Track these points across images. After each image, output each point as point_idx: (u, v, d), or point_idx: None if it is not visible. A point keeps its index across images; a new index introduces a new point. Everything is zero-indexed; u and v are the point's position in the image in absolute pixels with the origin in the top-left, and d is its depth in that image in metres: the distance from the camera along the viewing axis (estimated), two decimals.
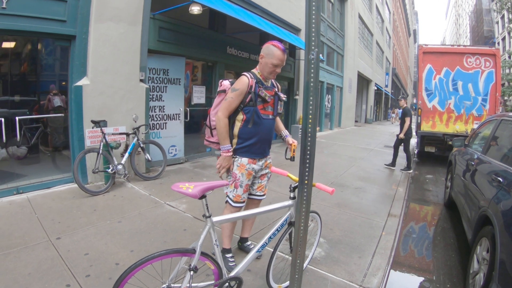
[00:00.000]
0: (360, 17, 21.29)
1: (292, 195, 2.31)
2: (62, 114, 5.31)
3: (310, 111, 1.78)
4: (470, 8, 62.24)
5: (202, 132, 8.33)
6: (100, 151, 4.80)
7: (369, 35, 25.44)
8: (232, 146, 2.65)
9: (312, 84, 1.76)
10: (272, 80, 2.76)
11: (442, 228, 4.59)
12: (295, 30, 11.10)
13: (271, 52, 2.54)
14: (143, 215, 4.01)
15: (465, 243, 3.69)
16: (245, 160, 2.63)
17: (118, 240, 3.29)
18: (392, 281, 3.06)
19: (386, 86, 32.58)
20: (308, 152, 1.82)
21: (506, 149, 3.29)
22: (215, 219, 1.94)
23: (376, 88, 29.12)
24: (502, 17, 37.41)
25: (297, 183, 2.01)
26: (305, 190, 1.88)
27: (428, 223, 4.90)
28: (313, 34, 1.72)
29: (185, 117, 7.08)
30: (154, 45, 6.11)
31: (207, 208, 1.90)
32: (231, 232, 2.87)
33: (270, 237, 2.25)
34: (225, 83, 2.74)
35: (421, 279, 3.23)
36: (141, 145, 5.57)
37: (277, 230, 2.29)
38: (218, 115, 2.56)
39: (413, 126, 9.05)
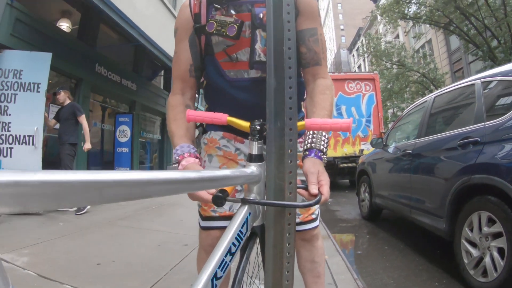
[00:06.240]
0: None
1: None
2: None
3: None
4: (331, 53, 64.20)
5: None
6: None
7: None
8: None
9: None
10: None
11: (381, 238, 4.26)
12: None
13: None
14: None
15: (424, 246, 3.49)
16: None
17: None
18: None
19: None
20: None
21: (451, 119, 3.34)
22: None
23: None
24: (357, 49, 41.48)
25: None
26: None
27: (365, 238, 4.44)
28: None
29: (45, 142, 5.09)
30: (4, 39, 4.52)
31: None
32: None
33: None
34: None
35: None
36: None
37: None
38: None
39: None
